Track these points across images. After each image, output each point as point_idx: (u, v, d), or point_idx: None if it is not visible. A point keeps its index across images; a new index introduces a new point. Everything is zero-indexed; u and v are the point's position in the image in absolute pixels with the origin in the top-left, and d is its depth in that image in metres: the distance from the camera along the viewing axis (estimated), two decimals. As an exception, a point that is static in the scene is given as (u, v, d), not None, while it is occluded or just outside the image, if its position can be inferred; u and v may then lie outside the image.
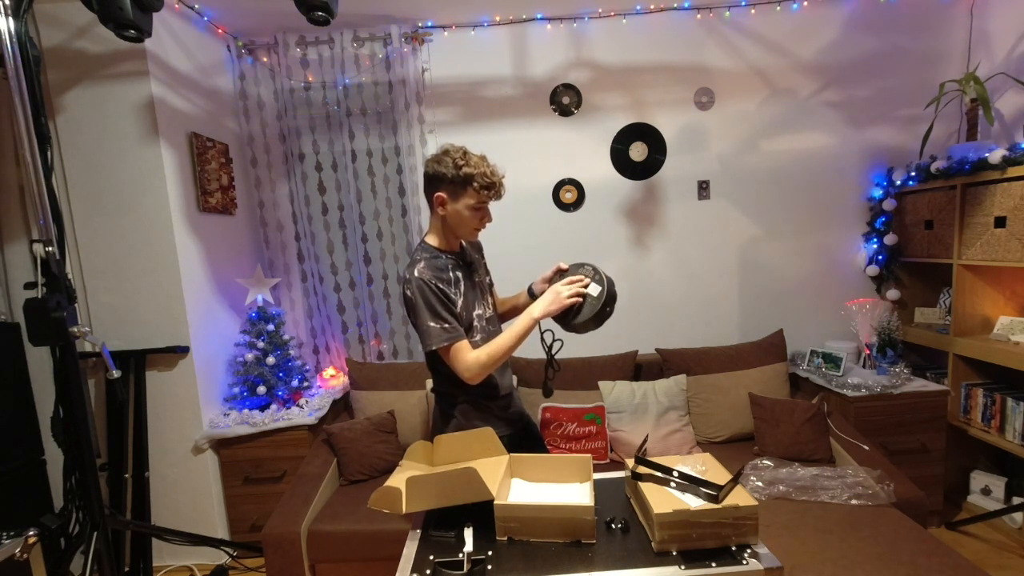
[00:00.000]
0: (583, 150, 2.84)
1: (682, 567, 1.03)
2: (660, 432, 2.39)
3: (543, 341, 1.51)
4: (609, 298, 1.41)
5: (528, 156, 2.83)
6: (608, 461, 2.37)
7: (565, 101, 2.80)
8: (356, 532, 2.02)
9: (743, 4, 2.69)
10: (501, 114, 2.82)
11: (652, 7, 2.69)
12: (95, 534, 1.78)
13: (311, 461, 2.34)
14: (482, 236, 1.57)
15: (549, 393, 1.56)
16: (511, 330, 1.42)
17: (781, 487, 2.01)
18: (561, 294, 1.40)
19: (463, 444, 1.37)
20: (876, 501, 1.89)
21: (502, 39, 2.76)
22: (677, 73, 2.78)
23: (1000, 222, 2.21)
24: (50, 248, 1.70)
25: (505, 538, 1.15)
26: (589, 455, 1.33)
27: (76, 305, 1.82)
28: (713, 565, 1.03)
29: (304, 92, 2.73)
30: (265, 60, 2.73)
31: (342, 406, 2.83)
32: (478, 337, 1.49)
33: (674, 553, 1.07)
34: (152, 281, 2.31)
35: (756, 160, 2.83)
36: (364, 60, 2.72)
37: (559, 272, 1.54)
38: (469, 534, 1.16)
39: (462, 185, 1.40)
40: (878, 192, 2.80)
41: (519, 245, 2.86)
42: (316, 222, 2.85)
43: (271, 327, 2.59)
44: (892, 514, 1.83)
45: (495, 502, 1.15)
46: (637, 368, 2.67)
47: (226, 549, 2.39)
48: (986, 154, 2.22)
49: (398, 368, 2.71)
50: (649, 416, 2.41)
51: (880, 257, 2.80)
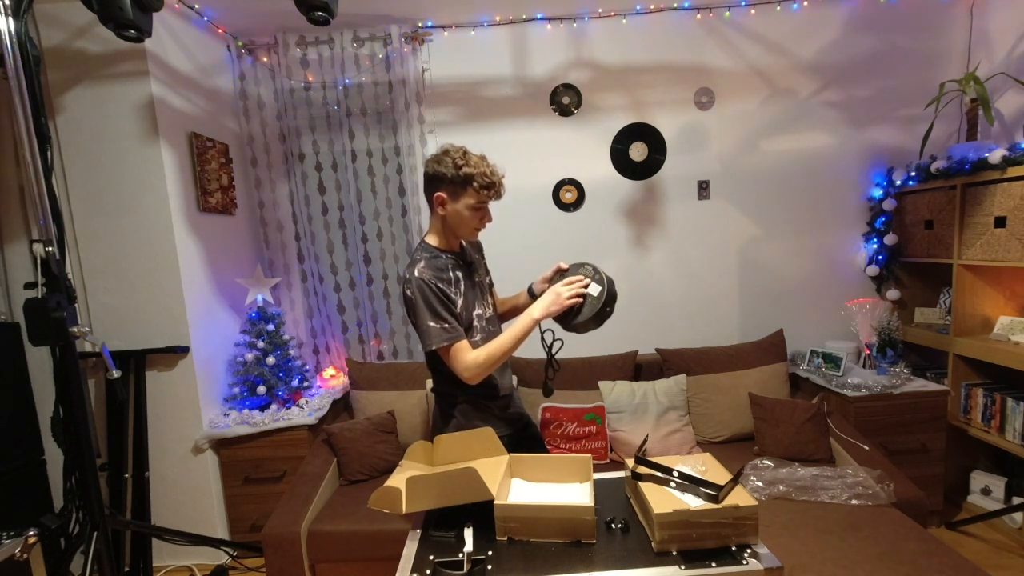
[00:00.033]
0: (583, 150, 2.84)
1: (682, 567, 1.03)
2: (660, 432, 2.39)
3: (543, 341, 1.51)
4: (609, 298, 1.41)
5: (528, 156, 2.83)
6: (608, 461, 2.37)
7: (565, 101, 2.80)
8: (356, 532, 2.02)
9: (743, 4, 2.69)
10: (501, 114, 2.82)
11: (652, 7, 2.69)
12: (95, 534, 1.78)
13: (311, 461, 2.34)
14: (482, 236, 1.57)
15: (549, 393, 1.56)
16: (511, 331, 1.42)
17: (781, 487, 2.01)
18: (561, 295, 1.40)
19: (463, 444, 1.37)
20: (876, 501, 1.89)
21: (502, 39, 2.76)
22: (677, 73, 2.78)
23: (1000, 222, 2.21)
24: (50, 248, 1.70)
25: (505, 538, 1.15)
26: (589, 455, 1.33)
27: (76, 305, 1.82)
28: (713, 565, 1.03)
29: (304, 92, 2.73)
30: (265, 60, 2.74)
31: (342, 406, 2.83)
32: (478, 337, 1.49)
33: (674, 553, 1.07)
34: (152, 281, 2.31)
35: (756, 160, 2.83)
36: (364, 60, 2.72)
37: (559, 272, 1.54)
38: (469, 534, 1.16)
39: (462, 185, 1.40)
40: (878, 192, 2.80)
41: (519, 245, 2.86)
42: (316, 222, 2.85)
43: (271, 327, 2.59)
44: (892, 514, 1.83)
45: (495, 502, 1.15)
46: (637, 368, 2.67)
47: (226, 549, 2.39)
48: (986, 154, 2.22)
49: (398, 368, 2.71)
50: (649, 416, 2.41)
51: (880, 257, 2.80)
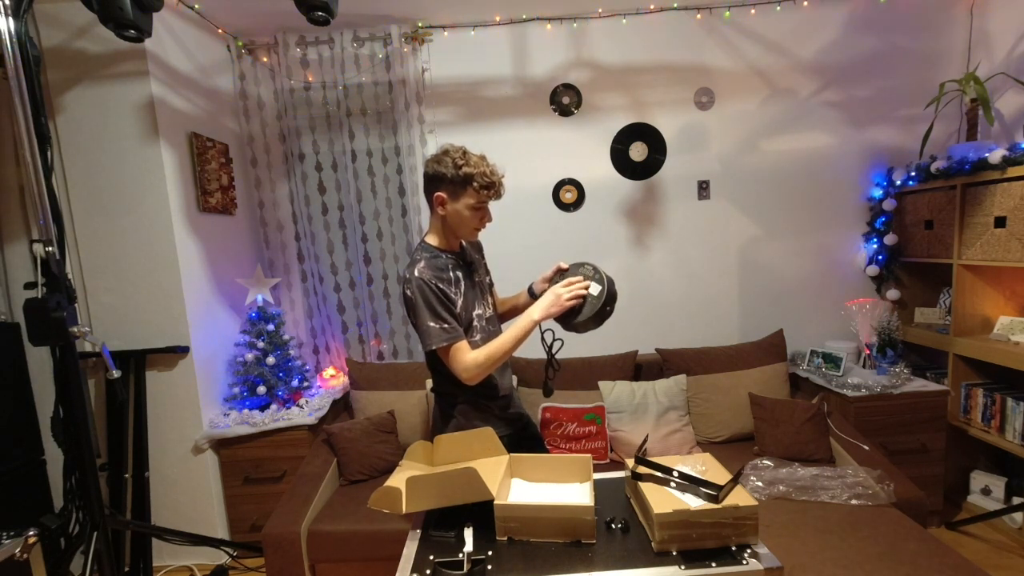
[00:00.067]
0: (583, 150, 2.84)
1: (682, 567, 1.03)
2: (660, 432, 2.39)
3: (543, 341, 1.51)
4: (609, 297, 1.40)
5: (528, 156, 2.83)
6: (608, 461, 2.37)
7: (565, 101, 2.80)
8: (356, 532, 2.02)
9: (743, 4, 2.69)
10: (501, 114, 2.82)
11: (652, 7, 2.69)
12: (95, 534, 1.78)
13: (311, 461, 2.34)
14: (482, 236, 1.57)
15: (549, 393, 1.56)
16: (510, 332, 1.42)
17: (781, 487, 2.01)
18: (561, 297, 1.39)
19: (463, 444, 1.37)
20: (876, 501, 1.89)
21: (502, 39, 2.76)
22: (677, 73, 2.78)
23: (1000, 222, 2.21)
24: (50, 248, 1.70)
25: (505, 538, 1.15)
26: (589, 455, 1.33)
27: (76, 305, 1.82)
28: (713, 565, 1.03)
29: (304, 92, 2.73)
30: (265, 60, 2.74)
31: (342, 406, 2.83)
32: (478, 337, 1.49)
33: (674, 553, 1.07)
34: (152, 281, 2.31)
35: (756, 160, 2.83)
36: (364, 60, 2.72)
37: (559, 272, 1.54)
38: (469, 534, 1.16)
39: (462, 185, 1.40)
40: (878, 192, 2.80)
41: (519, 245, 2.86)
42: (316, 222, 2.85)
43: (271, 327, 2.59)
44: (892, 514, 1.83)
45: (495, 502, 1.15)
46: (637, 368, 2.67)
47: (226, 549, 2.39)
48: (986, 154, 2.22)
49: (398, 368, 2.71)
50: (649, 416, 2.41)
51: (880, 257, 2.80)
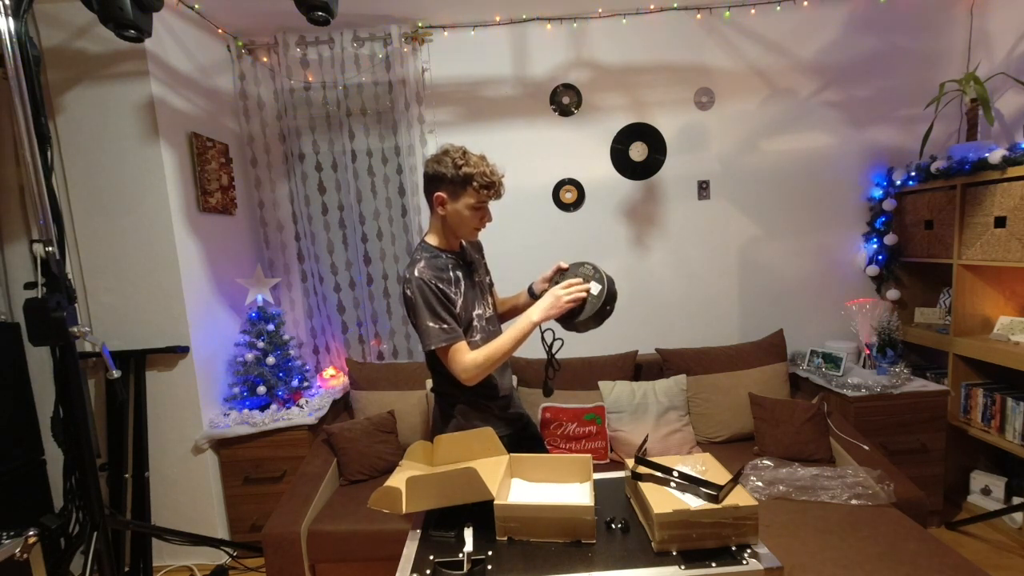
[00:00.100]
0: (583, 150, 2.84)
1: (682, 567, 1.03)
2: (660, 432, 2.39)
3: (543, 341, 1.51)
4: (609, 297, 1.40)
5: (528, 156, 2.83)
6: (608, 461, 2.37)
7: (565, 101, 2.80)
8: (356, 532, 2.02)
9: (743, 4, 2.69)
10: (501, 114, 2.82)
11: (652, 7, 2.69)
12: (95, 534, 1.78)
13: (311, 461, 2.34)
14: (482, 236, 1.57)
15: (549, 393, 1.55)
16: (510, 332, 1.42)
17: (781, 487, 2.01)
18: (560, 298, 1.39)
19: (463, 444, 1.37)
20: (876, 501, 1.89)
21: (502, 39, 2.76)
22: (677, 73, 2.78)
23: (1000, 222, 2.21)
24: (50, 248, 1.70)
25: (505, 538, 1.15)
26: (589, 455, 1.33)
27: (76, 305, 1.82)
28: (713, 565, 1.03)
29: (304, 92, 2.73)
30: (265, 60, 2.74)
31: (342, 406, 2.83)
32: (478, 337, 1.49)
33: (674, 553, 1.07)
34: (152, 281, 2.31)
35: (756, 160, 2.83)
36: (364, 60, 2.72)
37: (559, 271, 1.53)
38: (469, 534, 1.16)
39: (462, 185, 1.40)
40: (878, 192, 2.80)
41: (519, 245, 2.85)
42: (316, 222, 2.85)
43: (271, 327, 2.59)
44: (892, 514, 1.83)
45: (495, 502, 1.15)
46: (637, 368, 2.67)
47: (226, 549, 2.39)
48: (986, 154, 2.22)
49: (398, 368, 2.71)
50: (649, 416, 2.41)
51: (880, 257, 2.80)
